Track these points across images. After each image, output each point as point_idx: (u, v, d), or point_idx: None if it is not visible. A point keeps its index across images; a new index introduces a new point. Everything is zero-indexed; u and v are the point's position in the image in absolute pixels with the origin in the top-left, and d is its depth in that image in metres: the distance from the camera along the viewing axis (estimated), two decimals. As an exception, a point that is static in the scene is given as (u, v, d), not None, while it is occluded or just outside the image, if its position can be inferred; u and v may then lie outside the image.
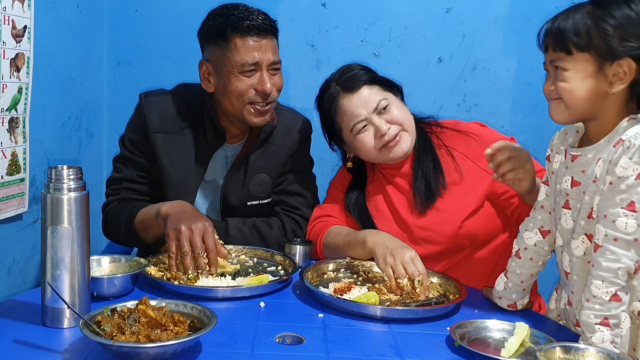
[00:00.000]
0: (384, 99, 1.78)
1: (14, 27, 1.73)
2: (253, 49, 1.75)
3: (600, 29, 1.24)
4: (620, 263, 1.22)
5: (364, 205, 1.88)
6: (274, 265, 1.74)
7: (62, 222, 1.24)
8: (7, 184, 1.75)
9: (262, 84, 1.77)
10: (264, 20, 1.76)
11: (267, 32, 1.77)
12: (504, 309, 1.51)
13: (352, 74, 1.81)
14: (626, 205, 1.22)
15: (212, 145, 1.89)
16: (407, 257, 1.58)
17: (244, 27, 1.73)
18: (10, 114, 1.74)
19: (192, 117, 1.89)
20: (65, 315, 1.26)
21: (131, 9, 2.55)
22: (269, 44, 1.78)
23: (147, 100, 1.90)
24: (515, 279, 1.48)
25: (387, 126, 1.76)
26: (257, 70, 1.77)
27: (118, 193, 1.91)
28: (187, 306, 1.25)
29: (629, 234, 1.22)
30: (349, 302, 1.44)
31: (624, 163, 1.22)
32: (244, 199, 1.92)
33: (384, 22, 2.53)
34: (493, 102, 2.55)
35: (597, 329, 1.23)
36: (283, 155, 1.94)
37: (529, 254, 1.47)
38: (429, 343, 1.29)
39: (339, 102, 1.80)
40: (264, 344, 1.23)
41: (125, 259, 1.57)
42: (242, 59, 1.74)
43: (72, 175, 1.26)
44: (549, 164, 1.47)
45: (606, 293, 1.22)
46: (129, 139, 1.91)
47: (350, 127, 1.79)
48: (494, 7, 2.52)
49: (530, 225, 1.48)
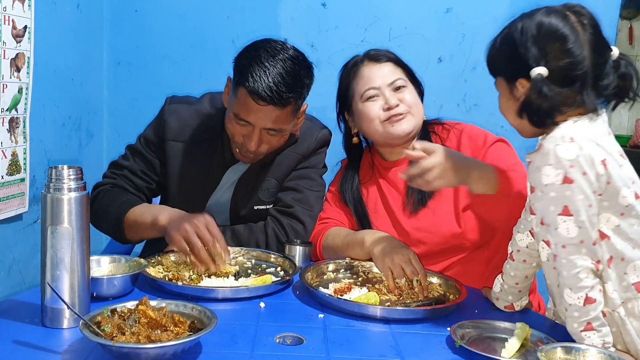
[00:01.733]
0: (403, 80, 1.82)
1: (14, 27, 1.73)
2: (251, 110, 1.66)
3: (500, 53, 1.34)
4: (577, 267, 1.21)
5: (358, 193, 1.89)
6: (273, 266, 1.73)
7: (62, 222, 1.24)
8: (8, 184, 1.75)
9: (247, 141, 1.72)
10: (275, 91, 1.63)
11: (270, 102, 1.64)
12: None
13: (382, 51, 1.88)
14: (561, 212, 1.21)
15: (227, 161, 1.87)
16: (405, 257, 1.58)
17: (250, 89, 1.63)
18: (10, 114, 1.74)
19: (212, 131, 1.86)
20: (65, 315, 1.26)
21: (131, 9, 2.56)
22: (271, 112, 1.66)
23: (170, 107, 1.89)
24: (510, 280, 1.48)
25: (396, 101, 1.79)
26: (250, 127, 1.71)
27: (115, 178, 1.86)
28: (187, 307, 1.25)
29: (573, 238, 1.21)
30: (349, 302, 1.44)
31: (546, 170, 1.21)
32: (252, 203, 1.91)
33: (384, 22, 2.53)
34: (493, 102, 2.51)
35: (584, 336, 1.22)
36: (293, 161, 1.91)
37: (522, 256, 1.47)
38: (430, 343, 1.29)
39: (360, 68, 1.85)
40: (264, 344, 1.23)
41: (125, 259, 1.57)
42: (238, 110, 1.69)
43: (72, 175, 1.25)
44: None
45: (578, 299, 1.22)
46: (145, 136, 1.89)
47: (362, 92, 1.82)
48: (494, 7, 2.52)
49: (521, 227, 1.47)
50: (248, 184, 1.89)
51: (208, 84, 2.04)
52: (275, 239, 1.84)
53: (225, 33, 2.56)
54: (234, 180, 1.90)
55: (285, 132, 1.77)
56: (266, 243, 1.84)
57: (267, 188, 1.90)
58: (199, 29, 2.55)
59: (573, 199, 1.20)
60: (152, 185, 1.90)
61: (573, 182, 1.20)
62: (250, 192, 1.90)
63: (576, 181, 1.20)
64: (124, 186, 1.85)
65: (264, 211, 1.91)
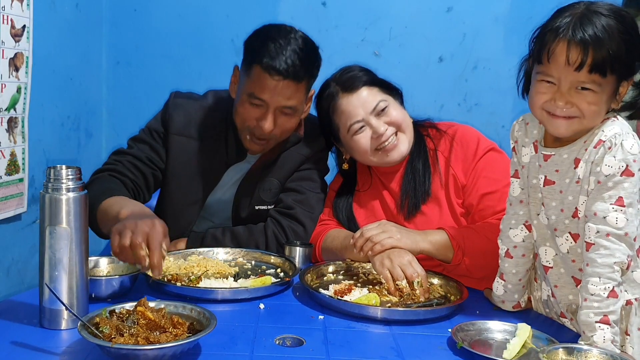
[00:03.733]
0: (383, 101, 1.78)
1: (13, 26, 1.72)
2: (266, 87, 1.69)
3: (629, 51, 1.21)
4: (615, 257, 1.24)
5: (351, 212, 1.87)
6: (273, 267, 1.73)
7: (61, 222, 1.23)
8: (6, 184, 1.74)
9: (262, 121, 1.73)
10: (290, 64, 1.67)
11: (286, 76, 1.69)
12: (506, 310, 1.51)
13: (352, 75, 1.80)
14: (615, 201, 1.25)
15: (230, 159, 1.87)
16: (404, 259, 1.57)
17: (265, 64, 1.67)
18: (9, 113, 1.73)
19: (216, 128, 1.86)
20: (63, 316, 1.25)
21: (130, 8, 2.55)
22: (286, 87, 1.70)
23: (175, 101, 1.88)
24: (513, 278, 1.48)
25: (384, 127, 1.76)
26: (265, 107, 1.73)
27: (115, 164, 1.79)
28: (187, 308, 1.24)
29: (619, 229, 1.24)
30: (350, 303, 1.43)
31: (609, 161, 1.25)
32: (253, 203, 1.90)
33: (384, 22, 2.53)
34: (494, 101, 2.54)
35: (597, 327, 1.22)
36: (296, 162, 1.90)
37: (520, 251, 1.47)
38: (431, 345, 1.28)
39: (337, 102, 1.79)
40: (263, 346, 1.23)
41: (124, 259, 1.56)
42: (252, 89, 1.71)
43: (70, 175, 1.25)
44: (517, 156, 1.46)
45: (604, 290, 1.23)
46: (150, 127, 1.87)
47: (348, 127, 1.78)
48: (495, 7, 2.51)
49: (513, 222, 1.48)
50: (251, 184, 1.89)
51: (208, 84, 2.04)
52: (275, 241, 1.83)
53: (224, 33, 2.55)
54: (236, 179, 1.90)
55: (297, 115, 1.78)
56: (266, 245, 1.83)
57: (269, 188, 1.89)
58: (198, 28, 2.54)
59: (629, 191, 1.24)
60: (157, 172, 1.85)
61: (634, 175, 1.24)
62: (252, 192, 1.89)
63: (636, 175, 1.24)
64: (123, 172, 1.77)
65: (265, 211, 1.90)
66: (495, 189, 1.72)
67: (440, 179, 1.80)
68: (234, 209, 1.90)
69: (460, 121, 1.97)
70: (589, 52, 1.19)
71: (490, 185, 1.73)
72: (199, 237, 1.84)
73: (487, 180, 1.74)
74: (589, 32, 1.19)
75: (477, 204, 1.74)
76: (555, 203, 1.36)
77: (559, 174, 1.34)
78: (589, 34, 1.19)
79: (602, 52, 1.19)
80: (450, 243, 1.64)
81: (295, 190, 1.89)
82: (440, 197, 1.79)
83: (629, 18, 1.23)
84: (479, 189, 1.74)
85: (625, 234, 1.24)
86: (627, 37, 1.21)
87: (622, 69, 1.22)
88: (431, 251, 1.65)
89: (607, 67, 1.20)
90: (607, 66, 1.20)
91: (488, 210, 1.72)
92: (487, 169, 1.76)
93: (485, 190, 1.73)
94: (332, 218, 1.90)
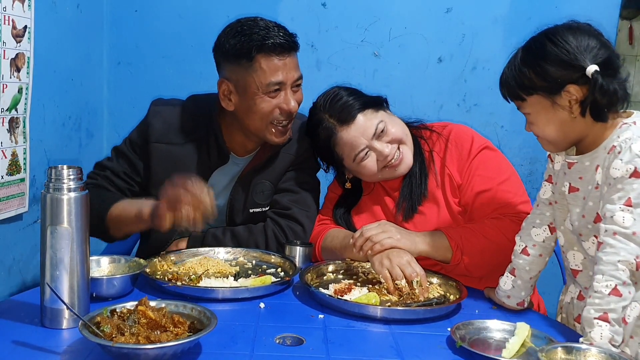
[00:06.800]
0: (380, 122, 1.76)
1: (14, 27, 1.73)
2: (278, 69, 1.72)
3: (537, 71, 1.33)
4: (620, 256, 1.25)
5: (349, 222, 1.88)
6: (273, 267, 1.73)
7: (62, 222, 1.23)
8: (7, 184, 1.75)
9: (287, 103, 1.75)
10: (285, 37, 1.72)
11: (290, 50, 1.74)
12: (505, 309, 1.51)
13: (342, 103, 1.76)
14: (624, 202, 1.27)
15: (213, 163, 1.86)
16: (403, 259, 1.58)
17: (268, 47, 1.69)
18: (10, 114, 1.74)
19: (197, 133, 1.85)
20: (64, 316, 1.25)
21: (131, 8, 2.55)
22: (292, 61, 1.75)
23: (154, 109, 1.88)
24: (525, 275, 1.50)
25: (388, 148, 1.76)
26: (281, 90, 1.74)
27: (96, 179, 1.84)
28: (187, 307, 1.24)
29: (627, 227, 1.26)
30: (350, 302, 1.44)
31: (616, 164, 1.28)
32: (248, 207, 1.89)
33: (384, 22, 2.53)
34: (493, 102, 2.54)
35: (595, 323, 1.23)
36: (287, 162, 1.90)
37: (538, 250, 1.50)
38: (430, 344, 1.29)
39: (337, 136, 1.77)
40: (264, 345, 1.23)
41: (125, 259, 1.57)
42: (267, 79, 1.71)
43: (72, 175, 1.25)
44: (552, 163, 1.51)
45: (606, 287, 1.24)
46: (130, 138, 1.89)
47: (353, 157, 1.77)
48: (494, 7, 2.51)
49: (537, 221, 1.52)
50: (243, 188, 1.88)
51: (208, 84, 2.04)
52: (275, 241, 1.84)
53: (225, 33, 2.55)
54: (225, 183, 1.89)
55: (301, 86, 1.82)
56: (266, 244, 1.83)
57: (262, 190, 1.89)
58: (199, 29, 2.54)
59: (638, 192, 1.26)
60: (134, 187, 1.87)
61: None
62: (245, 196, 1.89)
63: None
64: (105, 186, 1.83)
65: (259, 214, 1.90)
66: (489, 187, 1.74)
67: (437, 179, 1.80)
68: (228, 214, 1.90)
69: (460, 121, 1.97)
70: (505, 88, 1.42)
71: (485, 184, 1.74)
72: (199, 236, 1.84)
73: (481, 178, 1.75)
74: (504, 75, 1.42)
75: (472, 203, 1.75)
76: (579, 209, 1.40)
77: (582, 181, 1.39)
78: (505, 77, 1.42)
79: (510, 85, 1.40)
80: (448, 244, 1.65)
81: (290, 190, 1.90)
82: (437, 197, 1.80)
83: (538, 43, 1.35)
84: (473, 187, 1.75)
85: (633, 233, 1.25)
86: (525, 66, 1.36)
87: (534, 88, 1.35)
88: (430, 252, 1.66)
89: (519, 93, 1.38)
90: (519, 92, 1.38)
91: (484, 208, 1.73)
92: (480, 167, 1.77)
93: (480, 189, 1.74)
94: (331, 217, 1.91)
